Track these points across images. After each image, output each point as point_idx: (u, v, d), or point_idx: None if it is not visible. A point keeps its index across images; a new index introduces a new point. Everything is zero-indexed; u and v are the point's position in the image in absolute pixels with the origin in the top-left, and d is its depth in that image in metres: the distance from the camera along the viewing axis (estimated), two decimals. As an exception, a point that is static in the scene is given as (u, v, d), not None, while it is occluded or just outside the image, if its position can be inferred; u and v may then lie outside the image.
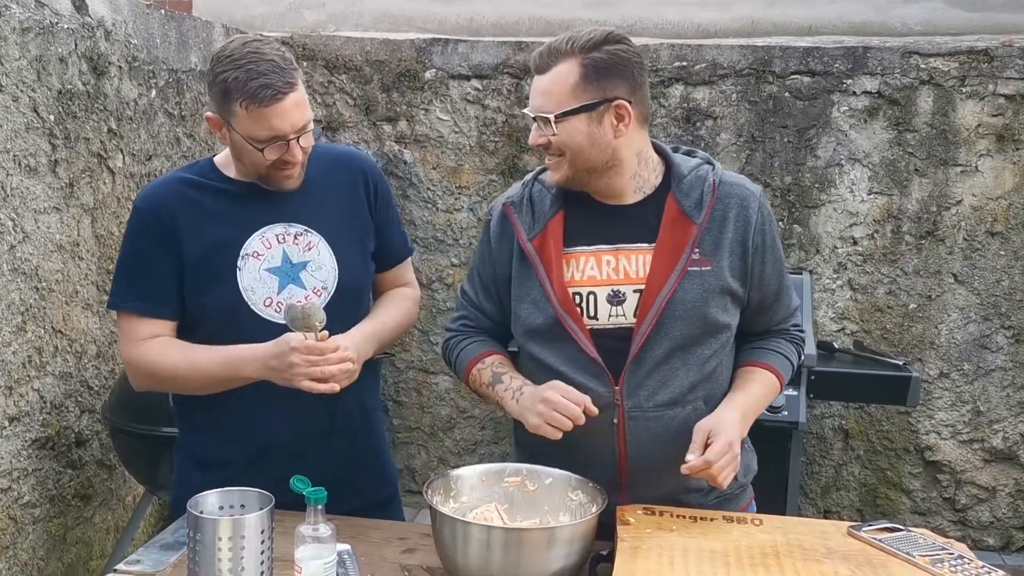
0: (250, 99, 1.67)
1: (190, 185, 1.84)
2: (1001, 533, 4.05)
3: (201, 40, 3.67)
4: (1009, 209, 3.84)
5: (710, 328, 1.72)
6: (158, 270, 1.79)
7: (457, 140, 4.11)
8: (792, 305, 1.88)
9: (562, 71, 1.64)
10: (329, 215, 1.89)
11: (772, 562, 1.51)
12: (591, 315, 1.73)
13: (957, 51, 3.80)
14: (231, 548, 1.36)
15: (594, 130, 1.66)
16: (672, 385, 1.71)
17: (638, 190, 1.74)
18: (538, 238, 1.75)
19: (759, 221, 1.74)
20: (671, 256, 1.70)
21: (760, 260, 1.75)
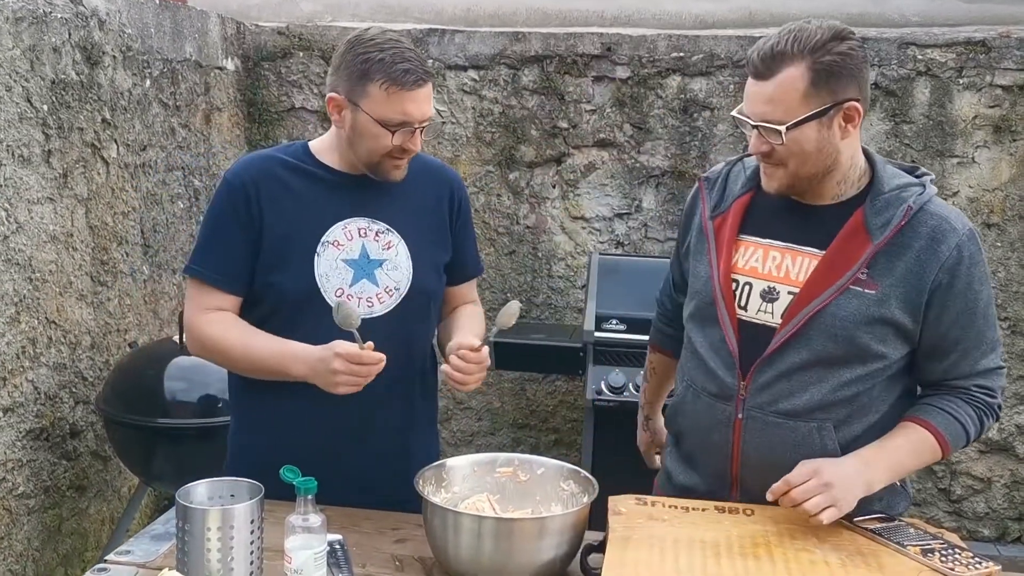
0: (392, 81, 1.70)
1: (283, 165, 1.86)
2: (996, 524, 4.06)
3: (196, 30, 3.65)
4: (1006, 200, 3.84)
5: (858, 352, 1.63)
6: (235, 245, 1.83)
7: (454, 131, 4.10)
8: (982, 364, 1.67)
9: (790, 77, 1.54)
10: (413, 220, 1.91)
11: (763, 552, 1.51)
12: (741, 305, 1.71)
13: (954, 42, 3.79)
14: (220, 538, 1.36)
15: (823, 135, 1.58)
16: (800, 397, 1.65)
17: (836, 196, 1.67)
18: (719, 217, 1.76)
19: (952, 260, 1.60)
20: (837, 269, 1.62)
21: (941, 301, 1.61)
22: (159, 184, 3.41)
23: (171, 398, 2.74)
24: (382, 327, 1.81)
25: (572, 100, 4.01)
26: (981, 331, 1.66)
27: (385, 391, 1.81)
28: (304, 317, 1.81)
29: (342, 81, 1.76)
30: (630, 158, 4.02)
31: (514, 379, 4.24)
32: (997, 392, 1.69)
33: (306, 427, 1.84)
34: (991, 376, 1.68)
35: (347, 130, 1.79)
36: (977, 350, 1.66)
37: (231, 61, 4.00)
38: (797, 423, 1.66)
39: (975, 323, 1.64)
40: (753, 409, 1.68)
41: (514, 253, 4.16)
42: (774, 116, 1.57)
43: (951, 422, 1.65)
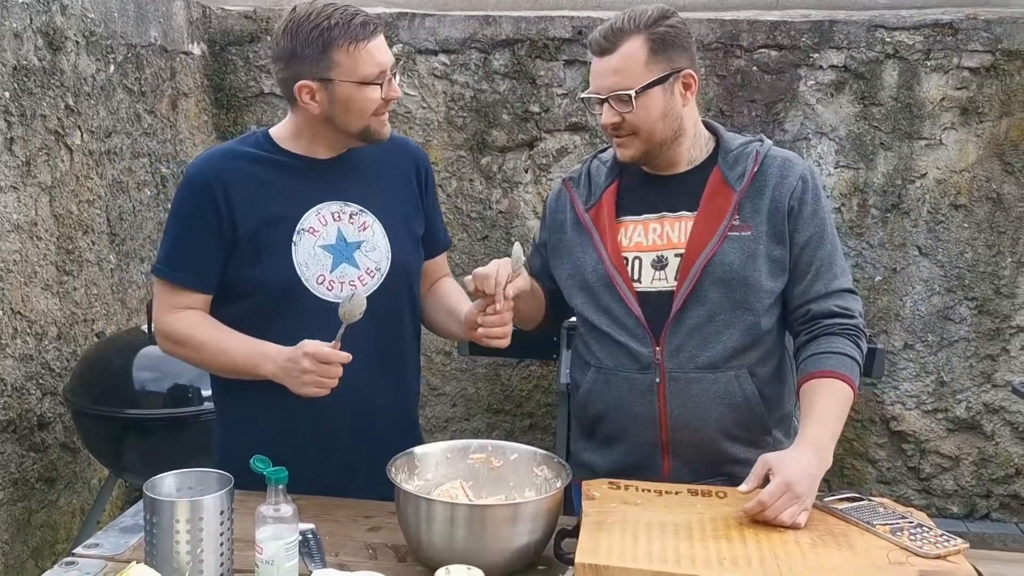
0: (353, 39, 1.70)
1: (246, 158, 1.83)
2: (965, 501, 4.12)
3: (160, 14, 3.60)
4: (972, 182, 3.87)
5: (754, 291, 1.76)
6: (201, 244, 1.80)
7: (425, 116, 4.07)
8: (835, 284, 1.79)
9: (631, 48, 1.72)
10: (384, 197, 1.89)
11: (735, 534, 1.52)
12: (636, 279, 1.82)
13: (922, 24, 3.81)
14: (189, 530, 1.35)
15: (668, 101, 1.74)
16: (713, 347, 1.76)
17: (690, 161, 1.84)
18: (593, 209, 1.87)
19: (799, 189, 1.78)
20: (712, 222, 1.77)
21: (795, 225, 1.78)
22: (125, 171, 3.36)
23: (140, 388, 2.71)
24: (368, 308, 1.79)
25: (544, 84, 3.99)
26: (831, 254, 1.80)
27: (378, 371, 1.83)
28: (286, 309, 1.78)
29: (304, 65, 1.72)
30: (602, 142, 4.01)
31: (488, 364, 4.24)
32: (855, 312, 1.80)
33: (298, 415, 1.82)
34: (845, 296, 1.80)
35: (325, 110, 1.76)
36: (829, 271, 1.79)
37: (197, 46, 3.94)
38: (716, 374, 1.77)
39: (824, 245, 1.79)
40: (674, 371, 1.77)
41: (487, 238, 4.15)
42: (622, 84, 1.72)
43: (844, 360, 1.73)
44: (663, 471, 1.80)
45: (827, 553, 1.46)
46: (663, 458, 1.81)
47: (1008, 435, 4.04)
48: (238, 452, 1.60)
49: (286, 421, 1.82)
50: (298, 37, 1.71)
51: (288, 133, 1.85)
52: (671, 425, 1.78)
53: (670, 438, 1.79)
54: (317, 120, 1.79)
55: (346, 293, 1.75)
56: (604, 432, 1.88)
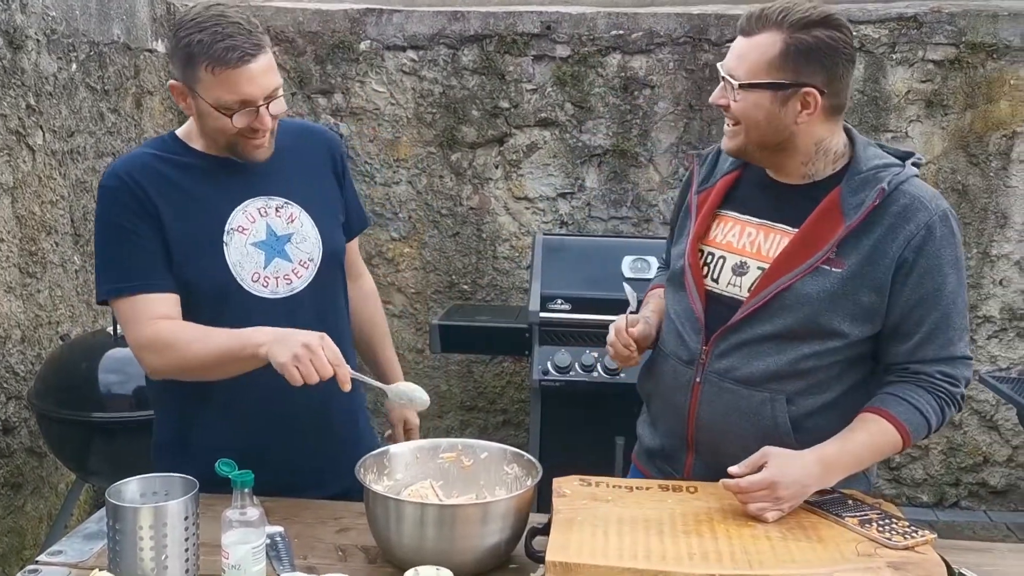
0: (216, 62, 1.60)
1: (161, 162, 1.76)
2: (934, 490, 4.17)
3: (124, 11, 3.54)
4: (939, 174, 3.91)
5: (818, 330, 1.64)
6: (144, 243, 1.71)
7: (394, 112, 4.05)
8: (948, 351, 1.64)
9: (765, 41, 1.59)
10: (305, 186, 1.86)
11: (706, 528, 1.52)
12: (714, 277, 1.76)
13: (887, 18, 3.84)
14: (153, 536, 1.33)
15: (775, 110, 1.60)
16: (756, 366, 1.68)
17: (807, 176, 1.69)
18: (705, 192, 1.82)
19: (919, 239, 1.59)
20: (808, 247, 1.63)
21: (905, 279, 1.60)
22: (89, 171, 3.31)
23: (106, 391, 2.67)
24: (305, 301, 1.79)
25: (513, 79, 3.98)
26: (948, 315, 1.62)
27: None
28: (224, 310, 1.74)
29: (177, 67, 1.68)
30: (572, 137, 4.01)
31: (461, 361, 4.23)
32: (961, 382, 1.66)
33: (248, 416, 1.80)
34: (956, 364, 1.65)
35: (195, 116, 1.72)
36: (943, 335, 1.63)
37: (161, 43, 3.88)
38: (751, 391, 1.68)
39: (941, 305, 1.62)
40: (711, 374, 1.72)
41: (458, 235, 4.14)
42: (737, 71, 1.62)
43: (913, 412, 1.62)
44: (684, 467, 1.79)
45: (797, 546, 1.46)
46: (688, 454, 1.79)
47: (976, 424, 4.09)
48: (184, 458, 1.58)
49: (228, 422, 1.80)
50: (174, 39, 1.66)
51: (193, 131, 1.79)
52: (697, 424, 1.75)
53: (695, 437, 1.76)
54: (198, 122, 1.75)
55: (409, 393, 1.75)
56: (652, 412, 1.91)
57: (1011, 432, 4.06)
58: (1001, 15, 3.80)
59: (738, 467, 1.58)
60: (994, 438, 4.10)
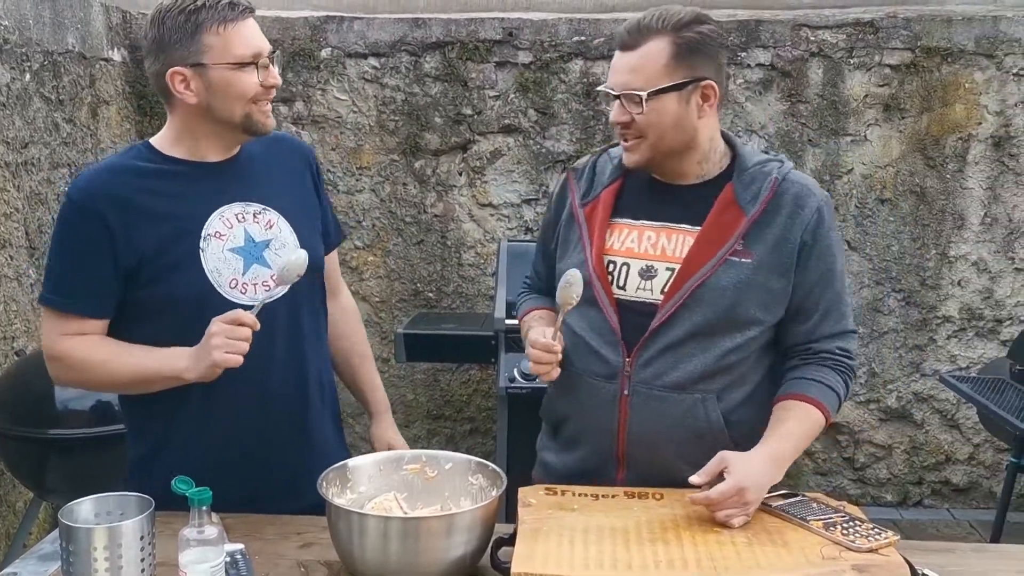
0: (223, 20, 1.65)
1: (133, 172, 1.73)
2: (898, 489, 4.21)
3: (78, 20, 3.49)
4: (897, 176, 3.97)
5: (737, 321, 1.69)
6: (92, 267, 1.69)
7: (356, 120, 4.02)
8: (841, 326, 1.74)
9: (654, 48, 1.63)
10: (283, 193, 1.84)
11: (671, 536, 1.51)
12: (620, 285, 1.75)
13: (844, 23, 3.89)
14: (108, 558, 1.29)
15: (681, 110, 1.66)
16: (683, 368, 1.69)
17: (699, 176, 1.75)
18: (590, 205, 1.81)
19: (813, 223, 1.69)
20: (714, 243, 1.69)
21: (805, 262, 1.69)
22: (43, 183, 3.25)
23: (63, 407, 2.61)
24: (283, 307, 1.77)
25: (475, 86, 3.97)
26: (839, 293, 1.74)
27: (299, 370, 1.80)
28: (202, 319, 1.69)
29: (174, 51, 1.66)
30: (535, 143, 4.01)
31: (427, 370, 4.20)
32: (854, 355, 1.77)
33: (219, 427, 1.77)
34: (848, 338, 1.76)
35: (202, 99, 1.69)
36: (836, 311, 1.74)
37: (118, 52, 3.83)
38: (682, 395, 1.70)
39: (834, 284, 1.73)
40: (639, 385, 1.72)
41: (422, 243, 4.12)
42: (636, 84, 1.64)
43: (827, 392, 1.70)
44: (615, 484, 1.76)
45: (762, 551, 1.46)
46: (618, 470, 1.76)
47: (937, 423, 4.15)
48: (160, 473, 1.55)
49: (205, 435, 1.77)
50: (165, 24, 1.66)
51: (170, 138, 1.77)
52: (629, 439, 1.73)
53: (626, 451, 1.74)
54: (196, 114, 1.72)
55: (287, 255, 1.72)
56: (566, 434, 1.85)
57: (972, 431, 4.11)
58: (955, 19, 3.86)
59: (698, 477, 1.57)
60: (955, 437, 4.15)
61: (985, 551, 1.69)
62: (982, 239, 3.99)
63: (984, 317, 4.05)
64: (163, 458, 1.80)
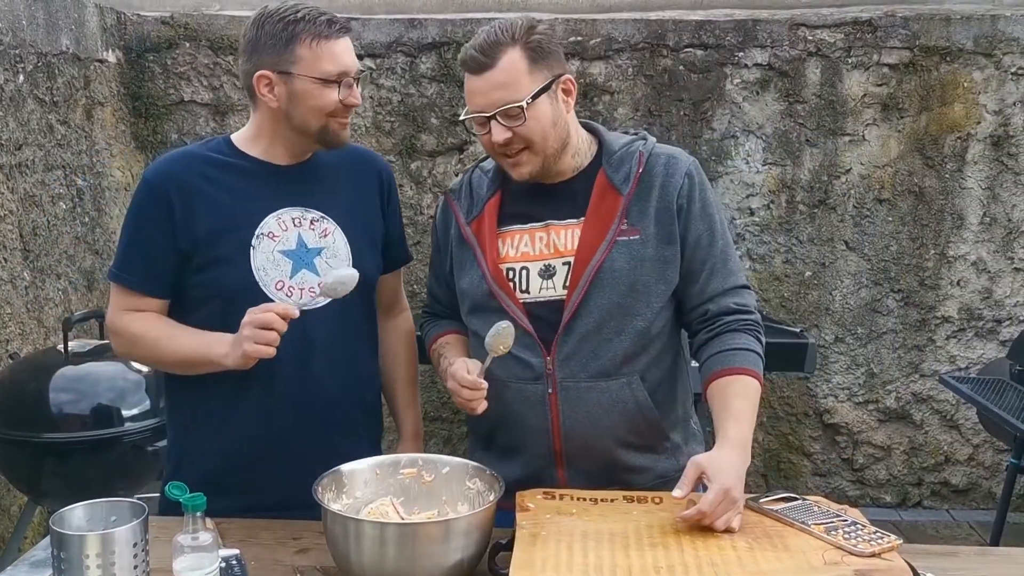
0: (318, 35, 1.70)
1: (205, 161, 1.81)
2: (897, 490, 4.20)
3: (72, 21, 3.47)
4: (895, 176, 3.95)
5: (641, 297, 1.73)
6: (155, 248, 1.77)
7: (352, 121, 3.99)
8: (731, 281, 1.78)
9: (511, 60, 1.66)
10: (346, 205, 1.87)
11: (671, 540, 1.50)
12: (523, 289, 1.77)
13: (842, 22, 3.88)
14: (100, 565, 1.27)
15: (555, 109, 1.70)
16: (604, 355, 1.73)
17: (575, 168, 1.79)
18: (475, 221, 1.82)
19: (686, 186, 1.75)
20: (599, 229, 1.73)
21: (685, 224, 1.75)
22: (38, 184, 3.23)
23: (57, 411, 2.59)
24: (326, 317, 1.79)
25: (471, 87, 3.95)
26: (723, 250, 1.78)
27: (341, 382, 1.82)
28: (242, 316, 1.70)
29: (266, 55, 1.72)
30: (532, 144, 3.99)
31: (424, 372, 4.16)
32: (752, 308, 1.79)
33: (257, 430, 1.80)
34: (741, 293, 1.79)
35: (283, 104, 1.75)
36: (724, 268, 1.77)
37: (112, 53, 3.81)
38: (608, 382, 1.73)
39: (716, 242, 1.77)
40: (565, 380, 1.73)
41: (419, 244, 4.09)
42: (510, 98, 1.66)
43: (750, 356, 1.72)
44: (559, 482, 1.77)
45: (763, 556, 1.44)
46: (558, 469, 1.77)
47: (936, 424, 4.14)
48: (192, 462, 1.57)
49: (249, 437, 1.81)
50: (263, 28, 1.73)
51: (248, 136, 1.84)
52: (564, 435, 1.75)
53: (563, 448, 1.75)
54: (276, 117, 1.77)
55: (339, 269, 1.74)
56: (500, 444, 1.84)
57: (971, 431, 4.10)
58: (953, 18, 3.85)
59: (680, 490, 1.55)
60: (955, 437, 4.14)
61: (988, 555, 1.68)
62: (981, 239, 3.98)
63: (983, 317, 4.03)
64: (192, 447, 1.86)
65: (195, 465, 1.83)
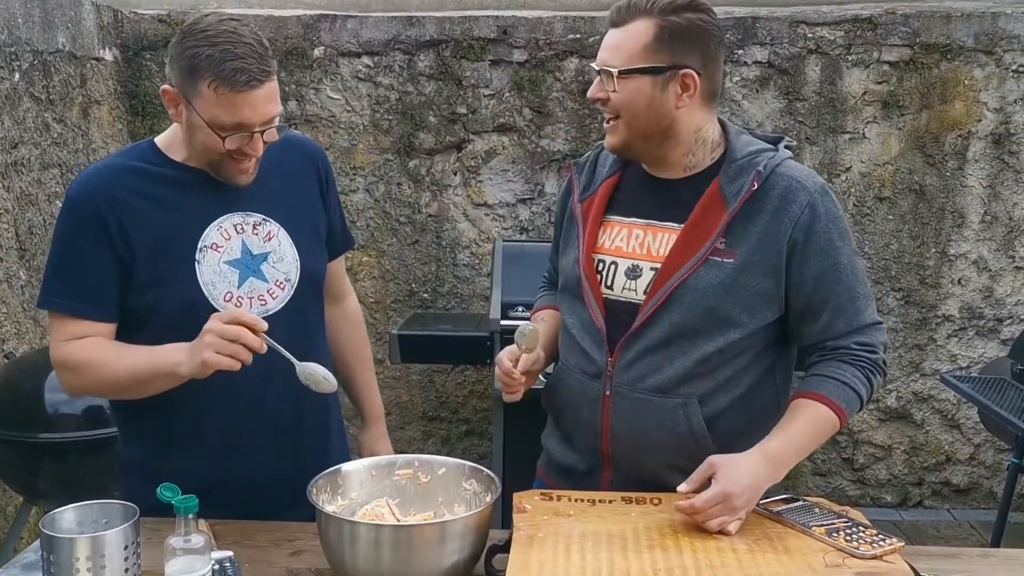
0: (221, 81, 1.54)
1: (133, 173, 1.68)
2: (898, 490, 4.18)
3: (68, 19, 3.45)
4: (896, 174, 3.93)
5: (717, 322, 1.63)
6: (94, 269, 1.65)
7: (350, 119, 3.99)
8: (858, 320, 1.65)
9: (637, 28, 1.60)
10: (286, 203, 1.78)
11: (670, 542, 1.48)
12: (608, 284, 1.72)
13: (842, 20, 3.86)
14: (90, 568, 1.25)
15: (656, 95, 1.61)
16: (664, 372, 1.65)
17: (689, 167, 1.69)
18: (588, 200, 1.78)
19: (806, 218, 1.60)
20: (696, 241, 1.63)
21: (800, 260, 1.61)
22: (34, 183, 3.21)
23: (53, 411, 2.57)
24: (281, 323, 1.71)
25: (470, 85, 3.94)
26: (850, 287, 1.64)
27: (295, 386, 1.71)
28: (192, 333, 1.63)
29: (175, 73, 1.60)
30: (531, 142, 3.98)
31: (422, 371, 4.17)
32: (879, 348, 1.66)
33: (216, 442, 1.73)
34: (870, 332, 1.66)
35: (184, 126, 1.64)
36: (851, 306, 1.64)
37: (109, 51, 3.79)
38: (663, 400, 1.66)
39: (841, 279, 1.63)
40: (621, 386, 1.69)
41: (417, 242, 4.08)
42: (613, 61, 1.61)
43: (843, 389, 1.62)
44: (602, 481, 1.74)
45: (764, 559, 1.42)
46: (604, 468, 1.74)
47: (937, 423, 4.12)
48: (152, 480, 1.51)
49: (204, 449, 1.74)
50: (181, 44, 1.58)
51: (174, 140, 1.72)
52: (612, 438, 1.70)
53: (611, 451, 1.72)
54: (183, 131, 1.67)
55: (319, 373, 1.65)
56: (562, 428, 1.83)
57: (972, 431, 4.09)
58: (954, 16, 3.83)
59: (686, 484, 1.53)
60: (956, 437, 4.13)
61: (991, 556, 1.66)
62: (982, 237, 3.96)
63: (984, 316, 4.02)
64: (154, 466, 1.74)
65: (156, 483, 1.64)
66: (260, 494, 1.76)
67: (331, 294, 1.97)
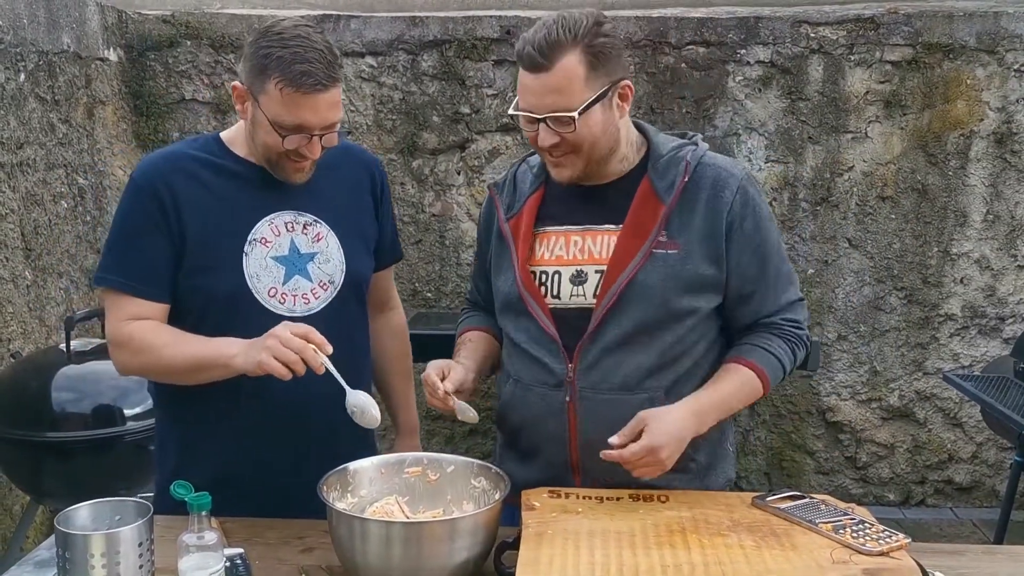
0: (288, 82, 1.60)
1: (195, 161, 1.75)
2: (900, 488, 4.19)
3: (73, 19, 3.46)
4: (898, 174, 3.94)
5: (672, 313, 1.67)
6: (151, 249, 1.71)
7: (353, 119, 4.00)
8: (783, 298, 1.74)
9: (568, 64, 1.58)
10: (339, 207, 1.83)
11: (678, 539, 1.49)
12: (554, 294, 1.73)
13: (845, 19, 3.87)
14: (105, 565, 1.26)
15: (608, 117, 1.64)
16: (626, 368, 1.68)
17: (619, 172, 1.73)
18: (515, 219, 1.78)
19: (737, 204, 1.67)
20: (637, 238, 1.67)
21: (737, 244, 1.68)
22: (39, 184, 3.22)
23: (59, 410, 2.58)
24: (321, 323, 1.73)
25: (473, 85, 3.95)
26: (777, 267, 1.73)
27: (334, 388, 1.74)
28: (235, 321, 1.70)
29: (245, 71, 1.67)
30: (534, 142, 3.98)
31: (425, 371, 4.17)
32: (803, 323, 1.76)
33: (255, 439, 1.77)
34: (794, 308, 1.76)
35: (248, 123, 1.71)
36: (778, 284, 1.74)
37: (113, 52, 3.80)
38: (630, 396, 1.68)
39: (771, 259, 1.72)
40: (585, 390, 1.70)
41: (421, 242, 4.09)
42: (562, 105, 1.59)
43: (769, 358, 1.71)
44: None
45: (771, 555, 1.43)
46: (574, 478, 1.74)
47: (940, 422, 4.13)
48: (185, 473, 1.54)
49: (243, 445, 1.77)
50: (253, 45, 1.65)
51: (238, 136, 1.78)
52: (580, 445, 1.71)
53: (580, 458, 1.72)
54: (248, 126, 1.73)
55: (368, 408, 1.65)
56: (522, 447, 1.82)
57: (975, 429, 4.09)
58: (956, 15, 3.84)
59: (617, 437, 1.59)
60: (958, 435, 4.13)
61: (995, 553, 1.68)
62: (984, 236, 3.97)
63: (987, 315, 4.03)
64: (186, 460, 1.80)
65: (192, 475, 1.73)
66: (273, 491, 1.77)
67: (377, 304, 2.01)
